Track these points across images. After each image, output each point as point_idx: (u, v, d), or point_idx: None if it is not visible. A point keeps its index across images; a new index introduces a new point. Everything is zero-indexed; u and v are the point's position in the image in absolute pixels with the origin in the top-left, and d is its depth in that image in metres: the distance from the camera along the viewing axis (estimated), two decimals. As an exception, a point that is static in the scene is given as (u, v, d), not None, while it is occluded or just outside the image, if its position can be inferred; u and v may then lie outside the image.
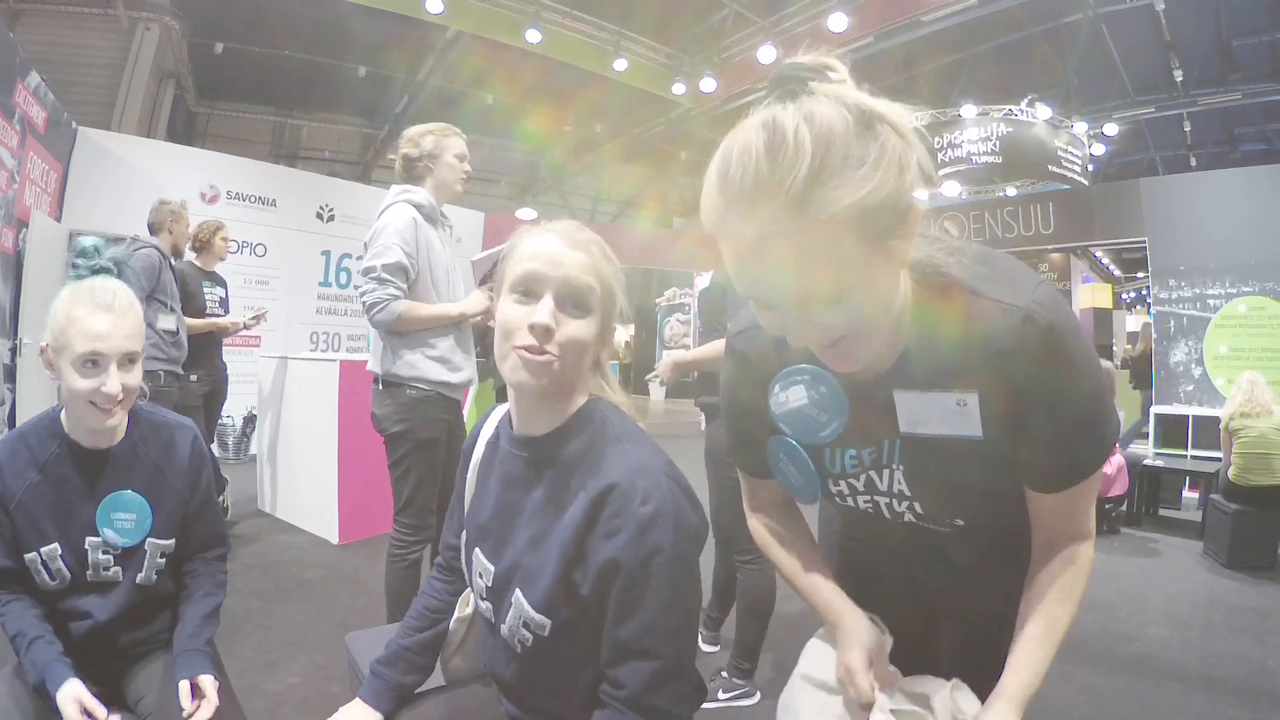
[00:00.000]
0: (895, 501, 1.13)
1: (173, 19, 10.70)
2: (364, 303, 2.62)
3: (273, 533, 4.92)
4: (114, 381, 1.45)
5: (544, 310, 1.10)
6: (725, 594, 3.19)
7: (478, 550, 1.28)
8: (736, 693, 2.78)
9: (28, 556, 1.51)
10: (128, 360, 1.49)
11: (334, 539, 4.68)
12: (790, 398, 1.08)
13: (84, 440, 1.56)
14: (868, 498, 1.15)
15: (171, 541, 1.63)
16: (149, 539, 1.59)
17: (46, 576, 1.52)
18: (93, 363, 1.44)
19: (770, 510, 1.32)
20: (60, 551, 1.52)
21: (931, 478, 1.07)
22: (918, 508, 1.12)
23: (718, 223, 0.84)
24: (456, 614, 1.45)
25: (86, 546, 1.54)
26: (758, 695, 2.81)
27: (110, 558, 1.56)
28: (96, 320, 1.44)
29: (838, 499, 1.19)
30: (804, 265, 0.80)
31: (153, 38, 10.59)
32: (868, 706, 1.04)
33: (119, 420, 1.54)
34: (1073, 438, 0.99)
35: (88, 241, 1.59)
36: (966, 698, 1.05)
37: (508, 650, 1.22)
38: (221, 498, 4.73)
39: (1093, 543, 1.07)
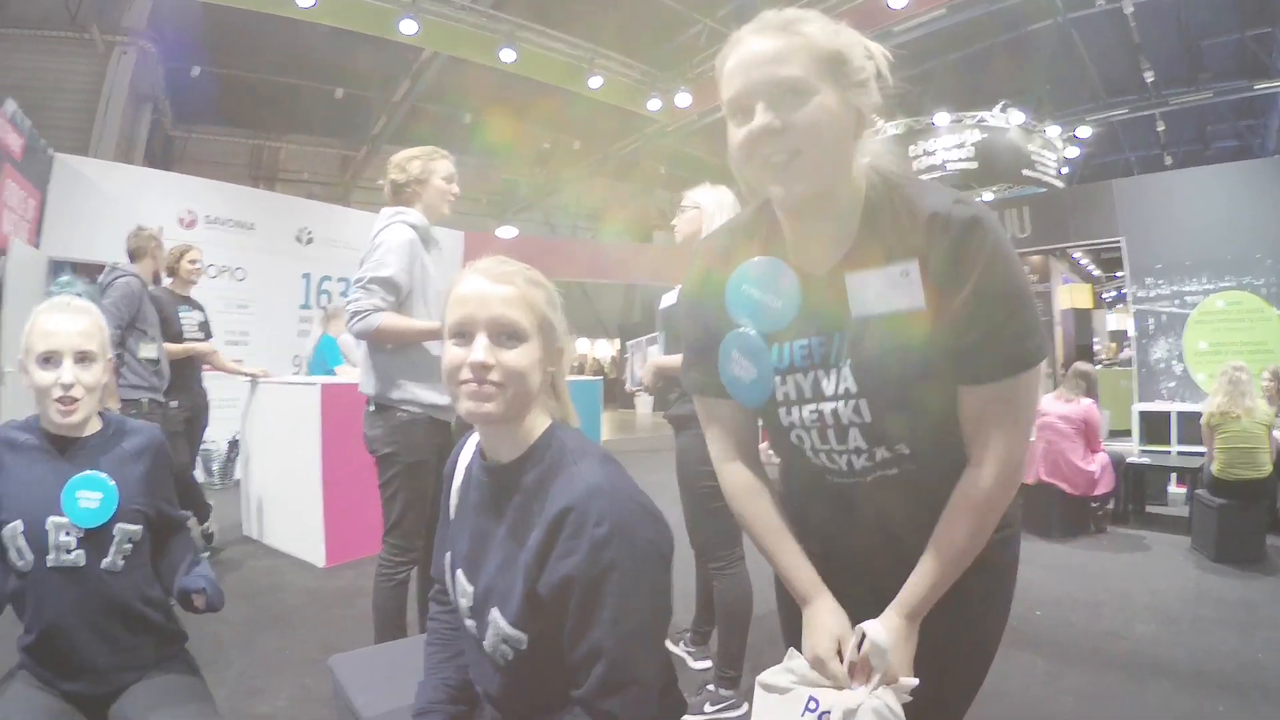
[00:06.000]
0: (842, 406, 1.17)
1: (149, 42, 10.64)
2: (349, 311, 2.64)
3: (258, 558, 4.87)
4: (68, 373, 1.57)
5: (479, 349, 1.18)
6: (709, 605, 3.19)
7: (459, 573, 1.34)
8: (723, 705, 2.76)
9: (3, 532, 1.56)
10: (83, 357, 1.61)
11: (320, 562, 4.64)
12: (745, 285, 1.19)
13: (59, 433, 1.65)
14: (814, 407, 1.20)
15: (139, 528, 1.66)
16: (117, 523, 1.62)
17: (15, 555, 1.55)
18: (48, 359, 1.58)
19: (740, 459, 1.35)
20: (22, 528, 1.55)
21: (878, 366, 1.13)
22: (864, 410, 1.16)
23: (734, 51, 1.10)
24: None
25: (47, 526, 1.56)
26: (744, 706, 2.78)
27: (73, 539, 1.58)
28: (51, 319, 1.60)
29: (784, 411, 1.23)
30: (788, 61, 1.05)
31: (129, 61, 10.53)
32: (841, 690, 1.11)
33: (82, 417, 1.63)
34: (997, 319, 1.07)
35: (65, 277, 1.72)
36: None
37: (492, 664, 1.26)
38: (206, 525, 4.69)
39: (996, 473, 1.13)
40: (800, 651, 1.21)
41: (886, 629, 1.11)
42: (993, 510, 1.14)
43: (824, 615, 1.19)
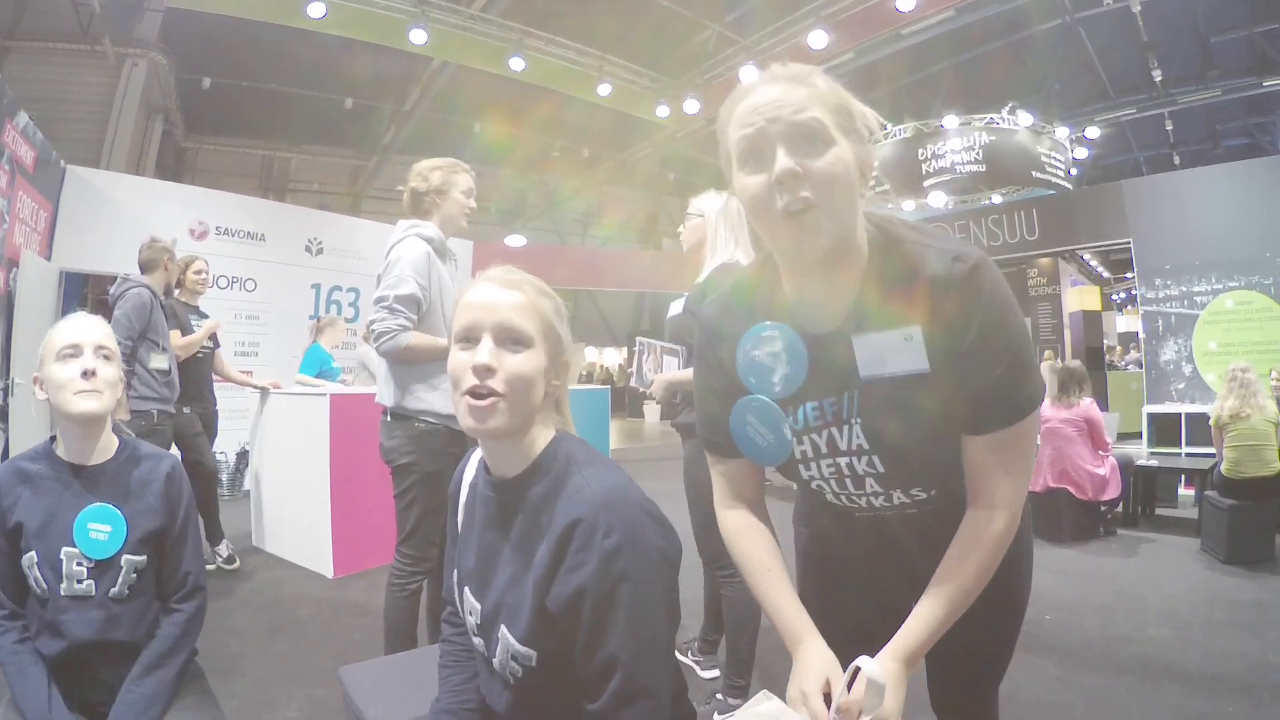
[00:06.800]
0: (856, 460, 1.21)
1: (160, 55, 10.74)
2: (373, 331, 2.66)
3: (267, 569, 4.89)
4: (90, 360, 1.63)
5: (484, 351, 1.17)
6: (718, 614, 3.17)
7: (466, 590, 1.33)
8: (732, 713, 2.75)
9: (22, 561, 1.61)
10: (102, 351, 1.67)
11: (329, 573, 4.65)
12: (754, 351, 1.20)
13: (72, 458, 1.68)
14: (830, 461, 1.23)
15: (144, 558, 1.69)
16: (124, 555, 1.65)
17: (33, 583, 1.61)
18: (71, 353, 1.63)
19: (741, 506, 1.37)
20: (37, 560, 1.60)
21: (887, 425, 1.16)
22: (878, 463, 1.20)
23: (744, 98, 1.09)
24: None
25: (62, 556, 1.61)
26: (755, 714, 2.78)
27: (84, 569, 1.62)
28: (70, 323, 1.69)
29: (803, 467, 1.26)
30: (808, 108, 1.04)
31: (140, 74, 10.63)
32: None
33: (101, 407, 1.65)
34: (998, 371, 1.10)
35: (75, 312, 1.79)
36: None
37: (502, 682, 1.25)
38: (222, 544, 4.70)
39: (1005, 517, 1.14)
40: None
41: (882, 670, 1.08)
42: (1002, 548, 1.15)
43: (814, 654, 1.18)
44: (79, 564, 1.61)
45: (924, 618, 1.14)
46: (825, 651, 1.18)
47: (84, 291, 8.17)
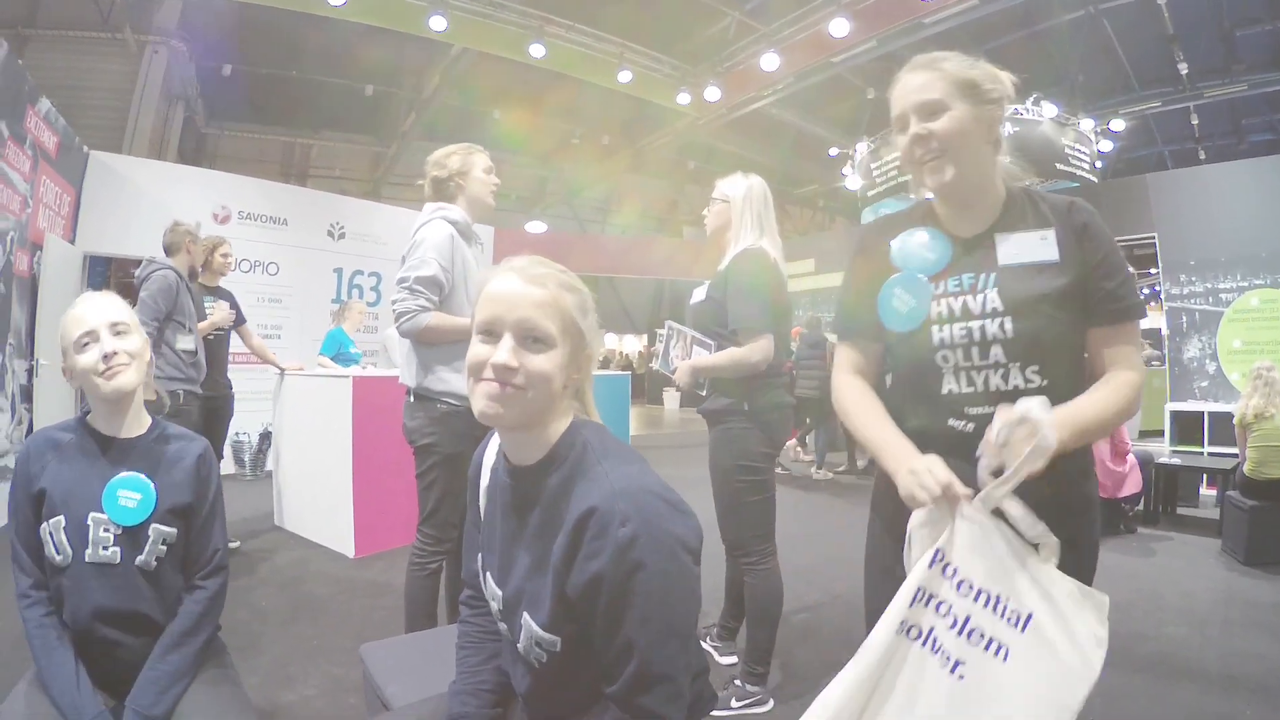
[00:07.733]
0: (989, 323, 1.46)
1: (180, 42, 10.82)
2: (394, 311, 2.68)
3: (289, 548, 4.94)
4: (108, 343, 1.64)
5: (504, 350, 1.17)
6: (738, 601, 3.16)
7: (488, 575, 1.35)
8: (749, 700, 2.75)
9: (41, 529, 1.61)
10: (117, 327, 1.67)
11: (350, 553, 4.70)
12: (907, 241, 1.57)
13: (104, 431, 1.70)
14: (963, 326, 1.48)
15: (174, 530, 1.69)
16: (153, 524, 1.66)
17: (53, 549, 1.60)
18: (88, 340, 1.64)
19: (861, 378, 1.67)
20: (64, 524, 1.60)
21: (1022, 288, 1.45)
22: (1008, 326, 1.45)
23: (894, 86, 1.52)
24: None
25: (89, 522, 1.61)
26: (770, 703, 2.78)
27: (110, 535, 1.62)
28: (80, 307, 1.68)
29: (935, 329, 1.51)
30: (929, 88, 1.46)
31: (161, 61, 10.71)
32: (951, 495, 1.32)
33: (131, 380, 1.67)
34: (1124, 274, 1.46)
35: None
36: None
37: (526, 666, 1.27)
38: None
39: (1138, 377, 1.45)
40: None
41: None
42: (1136, 400, 1.44)
43: (919, 457, 1.41)
44: (106, 530, 1.61)
45: (1085, 402, 1.40)
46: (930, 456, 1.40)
47: (106, 274, 8.25)
